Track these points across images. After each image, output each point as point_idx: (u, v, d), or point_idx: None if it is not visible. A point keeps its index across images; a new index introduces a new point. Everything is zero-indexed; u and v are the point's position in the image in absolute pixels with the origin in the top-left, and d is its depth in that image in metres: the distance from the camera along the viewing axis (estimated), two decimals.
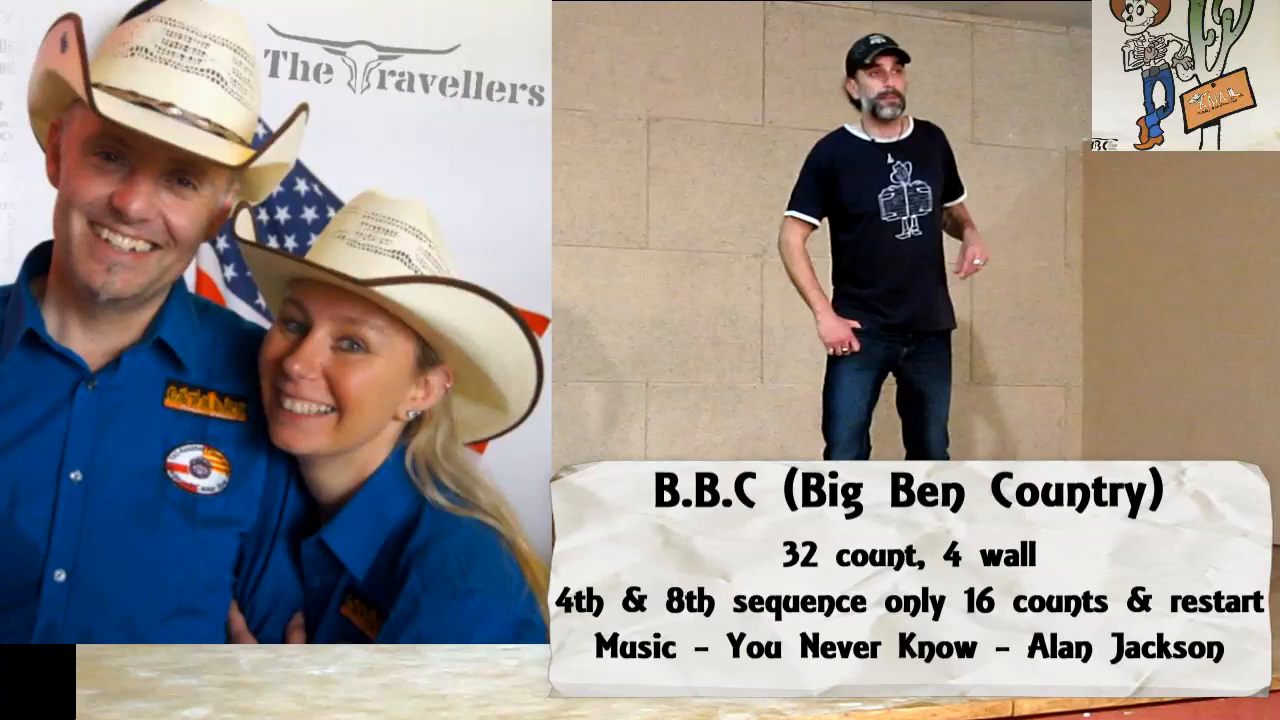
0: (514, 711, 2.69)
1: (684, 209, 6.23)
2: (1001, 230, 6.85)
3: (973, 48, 6.82)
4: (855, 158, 4.41)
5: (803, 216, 4.44)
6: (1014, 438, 6.87)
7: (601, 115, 6.09)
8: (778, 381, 6.38)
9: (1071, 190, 7.03)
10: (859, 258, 4.41)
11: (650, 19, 6.19)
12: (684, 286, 6.23)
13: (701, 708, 2.68)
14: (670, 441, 6.19)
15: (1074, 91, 7.00)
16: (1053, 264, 6.98)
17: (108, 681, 2.98)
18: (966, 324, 6.75)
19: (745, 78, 6.36)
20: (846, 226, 4.43)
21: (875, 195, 4.34)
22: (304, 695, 2.85)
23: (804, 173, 4.50)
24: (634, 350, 6.14)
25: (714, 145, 6.29)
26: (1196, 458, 2.78)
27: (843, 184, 4.38)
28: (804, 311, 4.55)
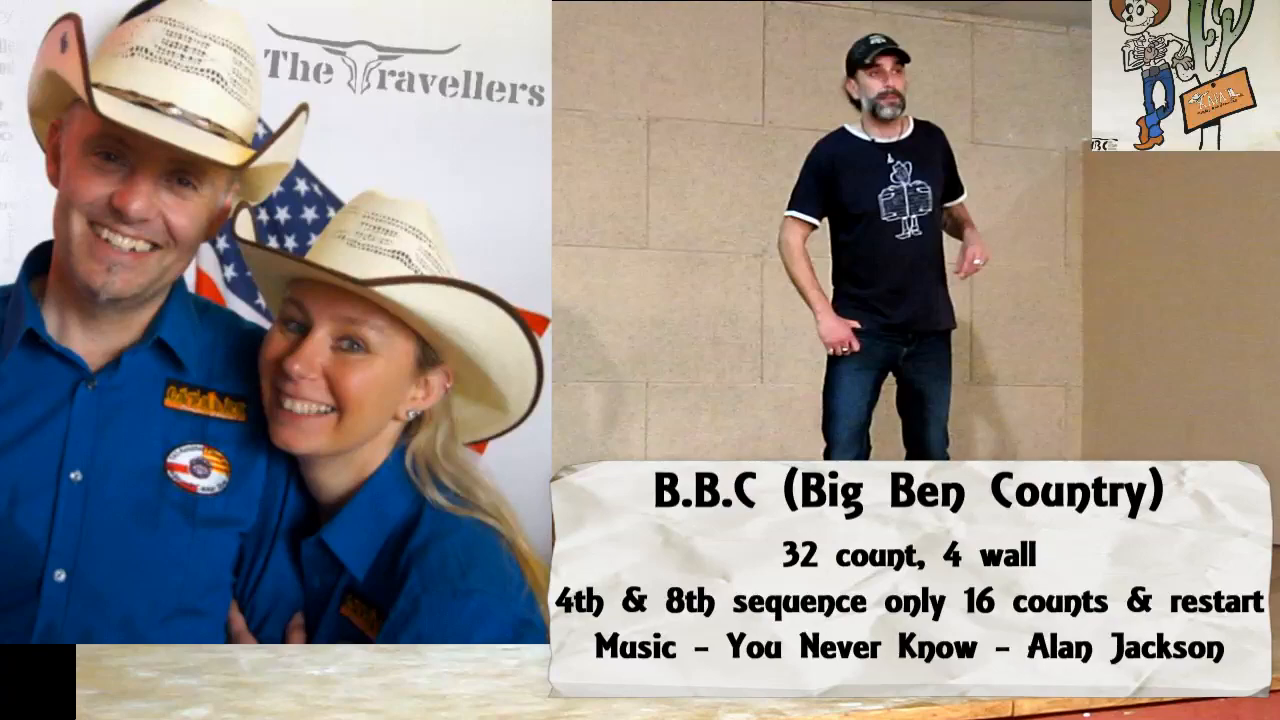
0: (514, 711, 2.69)
1: (684, 209, 6.23)
2: (1001, 230, 6.85)
3: (973, 48, 6.82)
4: (855, 158, 4.41)
5: (803, 216, 4.44)
6: (1014, 438, 6.87)
7: (601, 115, 6.09)
8: (778, 381, 6.38)
9: (1071, 190, 7.03)
10: (859, 258, 4.41)
11: (650, 19, 6.19)
12: (684, 286, 6.23)
13: (701, 708, 2.68)
14: (670, 441, 6.19)
15: (1074, 91, 7.00)
16: (1053, 264, 6.99)
17: (108, 681, 2.98)
18: (966, 324, 6.75)
19: (745, 78, 6.37)
20: (846, 226, 4.43)
21: (875, 195, 4.34)
22: (304, 695, 2.85)
23: (804, 173, 4.51)
24: (634, 350, 6.14)
25: (714, 145, 6.30)
26: (1196, 458, 2.78)
27: (843, 184, 4.38)
28: (804, 311, 4.55)
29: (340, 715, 2.66)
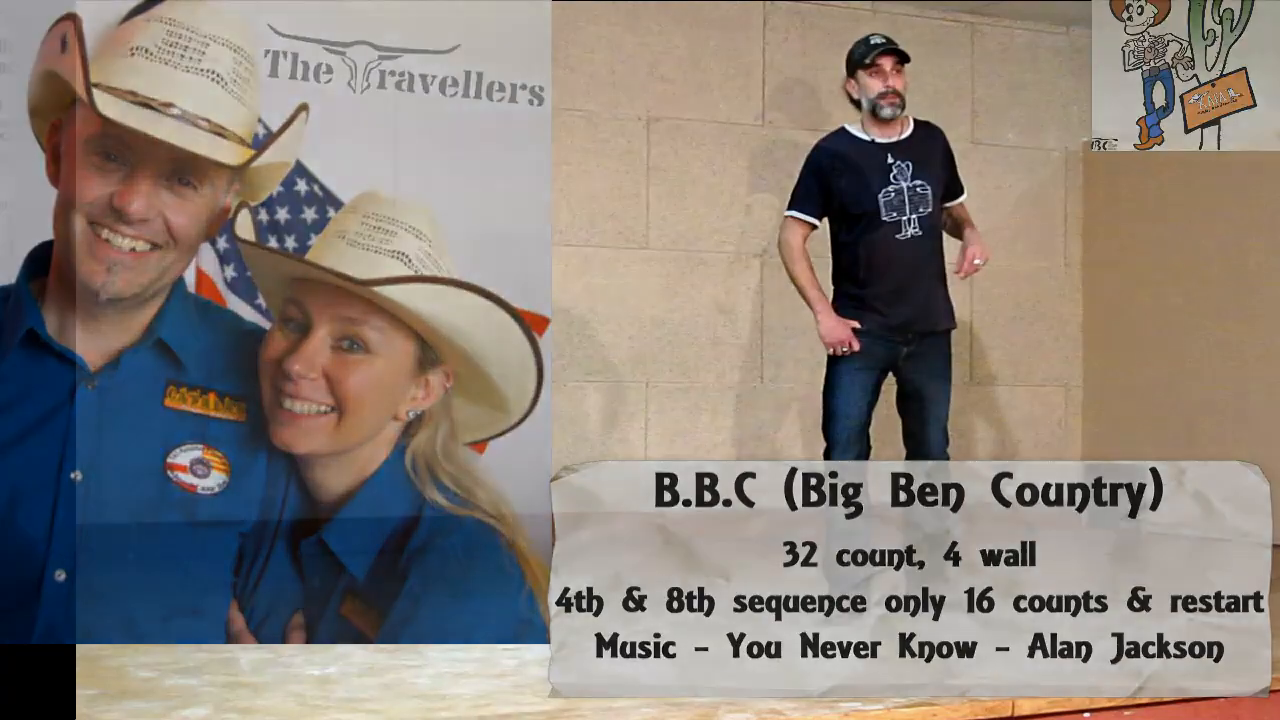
0: (514, 711, 2.69)
1: (684, 209, 6.23)
2: (1001, 230, 6.85)
3: (973, 48, 6.82)
4: (855, 158, 4.40)
5: (802, 216, 4.43)
6: (1014, 437, 6.87)
7: (601, 115, 6.09)
8: (778, 381, 6.38)
9: (1071, 190, 7.03)
10: (859, 258, 4.40)
11: (650, 19, 6.19)
12: (684, 286, 6.23)
13: (701, 708, 2.68)
14: (670, 441, 6.19)
15: (1074, 91, 7.00)
16: (1053, 264, 6.99)
17: (108, 681, 2.98)
18: (967, 324, 6.75)
19: (745, 78, 6.37)
20: (846, 226, 4.42)
21: (875, 195, 4.34)
22: (304, 695, 2.86)
23: (804, 173, 4.50)
24: (634, 350, 6.14)
25: (714, 145, 6.30)
26: (1197, 458, 2.77)
27: (843, 184, 4.38)
28: (804, 311, 4.54)
29: (340, 715, 2.66)
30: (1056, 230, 6.99)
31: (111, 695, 2.84)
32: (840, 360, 4.35)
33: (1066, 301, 6.99)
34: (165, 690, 2.89)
